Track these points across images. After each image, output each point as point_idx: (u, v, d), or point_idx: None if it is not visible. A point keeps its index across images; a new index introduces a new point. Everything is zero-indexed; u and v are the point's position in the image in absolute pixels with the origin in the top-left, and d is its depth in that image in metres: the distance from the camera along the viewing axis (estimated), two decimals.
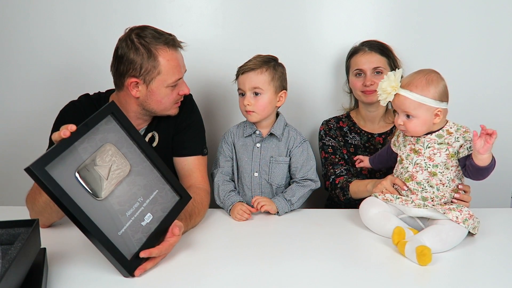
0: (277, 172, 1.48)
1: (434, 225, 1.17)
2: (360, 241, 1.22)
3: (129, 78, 1.28)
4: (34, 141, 1.89)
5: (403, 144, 1.29)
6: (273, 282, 0.97)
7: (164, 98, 1.33)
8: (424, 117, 1.20)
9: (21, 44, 1.83)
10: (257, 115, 1.45)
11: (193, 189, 1.36)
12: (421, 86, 1.19)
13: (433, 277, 1.02)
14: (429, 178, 1.22)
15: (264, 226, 1.32)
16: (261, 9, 1.84)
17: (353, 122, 1.72)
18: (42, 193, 1.10)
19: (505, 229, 1.30)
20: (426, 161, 1.22)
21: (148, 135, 1.43)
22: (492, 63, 1.89)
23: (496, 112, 1.93)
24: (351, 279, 0.99)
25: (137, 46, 1.26)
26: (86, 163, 0.96)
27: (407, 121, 1.22)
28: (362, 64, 1.63)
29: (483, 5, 1.84)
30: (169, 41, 1.29)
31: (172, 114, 1.40)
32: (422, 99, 1.18)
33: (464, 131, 1.21)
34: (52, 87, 1.86)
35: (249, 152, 1.50)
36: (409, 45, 1.80)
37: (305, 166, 1.48)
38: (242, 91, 1.45)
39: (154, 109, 1.35)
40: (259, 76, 1.42)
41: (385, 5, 1.84)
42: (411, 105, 1.20)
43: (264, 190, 1.50)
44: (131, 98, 1.34)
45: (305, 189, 1.46)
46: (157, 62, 1.27)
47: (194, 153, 1.45)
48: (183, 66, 1.36)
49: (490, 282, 0.99)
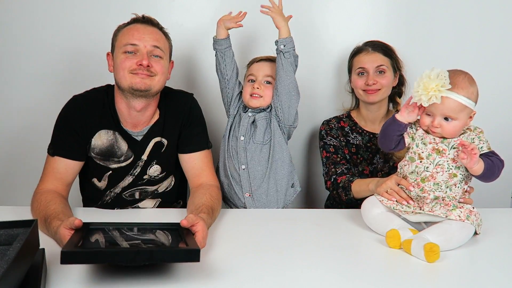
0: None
1: (439, 224, 1.16)
2: (361, 241, 1.22)
3: (107, 55, 1.40)
4: (34, 141, 1.89)
5: (422, 141, 1.21)
6: (273, 282, 0.97)
7: (119, 64, 1.32)
8: (464, 120, 1.16)
9: (20, 41, 1.83)
10: (262, 100, 1.50)
11: (206, 187, 1.39)
12: (466, 88, 1.14)
13: (435, 277, 1.02)
14: (448, 179, 1.18)
15: (263, 226, 1.32)
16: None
17: (355, 122, 1.72)
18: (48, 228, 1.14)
19: (505, 229, 1.30)
20: (449, 163, 1.17)
21: (155, 139, 1.42)
22: (493, 63, 1.89)
23: (496, 112, 1.93)
24: (352, 279, 0.99)
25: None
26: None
27: (446, 123, 1.15)
28: (365, 63, 1.63)
29: (483, 5, 1.84)
30: (137, 19, 1.37)
31: (131, 85, 1.31)
32: (468, 102, 1.14)
33: (479, 132, 1.20)
34: (52, 86, 1.86)
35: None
36: (410, 45, 1.80)
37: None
38: (255, 77, 1.51)
39: (117, 79, 1.34)
40: (273, 67, 1.50)
41: (386, 5, 1.84)
42: (456, 108, 1.13)
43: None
44: (114, 80, 1.37)
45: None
46: (120, 32, 1.37)
47: (201, 148, 1.46)
48: (147, 37, 1.33)
49: (490, 282, 0.99)
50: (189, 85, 1.84)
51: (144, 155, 1.41)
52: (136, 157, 1.41)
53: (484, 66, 1.88)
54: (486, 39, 1.87)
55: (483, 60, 1.88)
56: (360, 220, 1.30)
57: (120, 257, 0.86)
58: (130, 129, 1.40)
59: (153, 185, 1.47)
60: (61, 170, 1.34)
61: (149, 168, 1.43)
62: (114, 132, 1.39)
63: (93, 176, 1.44)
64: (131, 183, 1.44)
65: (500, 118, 1.94)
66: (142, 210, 1.46)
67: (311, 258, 1.09)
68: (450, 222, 1.15)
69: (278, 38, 1.44)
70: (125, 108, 1.37)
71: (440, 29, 1.86)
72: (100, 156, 1.39)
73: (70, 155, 1.36)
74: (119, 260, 0.87)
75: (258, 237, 1.22)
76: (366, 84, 1.62)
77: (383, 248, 1.15)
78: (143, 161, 1.42)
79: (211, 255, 1.08)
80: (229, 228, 1.28)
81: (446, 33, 1.86)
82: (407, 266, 1.06)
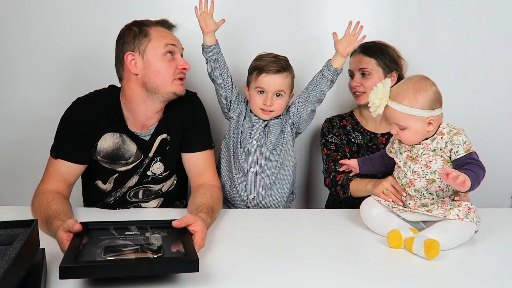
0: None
1: (440, 222, 1.16)
2: (361, 241, 1.22)
3: (125, 55, 1.32)
4: (34, 141, 1.89)
5: (399, 151, 1.25)
6: (273, 282, 0.97)
7: (162, 68, 1.32)
8: (415, 127, 1.16)
9: (23, 41, 1.83)
10: (274, 113, 1.52)
11: (207, 187, 1.38)
12: (408, 97, 1.14)
13: (434, 276, 1.02)
14: (427, 185, 1.18)
15: (263, 226, 1.32)
16: (261, 9, 1.84)
17: (356, 121, 1.72)
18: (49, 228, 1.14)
19: (505, 229, 1.30)
20: (423, 169, 1.18)
21: (161, 136, 1.42)
22: (493, 62, 1.89)
23: (497, 112, 1.93)
24: (352, 279, 0.99)
25: (130, 28, 1.34)
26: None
27: (400, 131, 1.19)
28: (350, 65, 1.67)
29: (483, 5, 1.84)
30: (159, 21, 1.37)
31: (176, 92, 1.35)
32: (410, 110, 1.14)
33: (454, 134, 1.15)
34: (55, 86, 1.86)
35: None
36: (410, 45, 1.79)
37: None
38: (265, 90, 1.49)
39: (156, 83, 1.32)
40: (285, 80, 1.50)
41: (386, 5, 1.84)
42: (400, 117, 1.16)
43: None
44: (133, 81, 1.33)
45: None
46: (147, 32, 1.33)
47: (204, 148, 1.46)
48: (176, 40, 1.37)
49: (491, 282, 0.99)
50: (188, 86, 1.83)
51: (150, 153, 1.41)
52: (145, 156, 1.41)
53: (485, 66, 1.88)
54: (487, 38, 1.87)
55: (483, 60, 1.88)
56: (360, 220, 1.30)
57: (119, 271, 0.87)
58: (138, 130, 1.39)
59: (157, 184, 1.47)
60: (63, 173, 1.34)
61: (153, 164, 1.42)
62: (120, 134, 1.37)
63: (97, 178, 1.43)
64: (137, 182, 1.43)
65: (500, 118, 1.94)
66: (143, 210, 1.46)
67: (311, 258, 1.09)
68: (450, 221, 1.15)
69: (334, 65, 1.46)
70: (142, 110, 1.36)
71: (441, 29, 1.86)
72: (106, 159, 1.38)
73: (73, 158, 1.34)
74: (118, 273, 0.88)
75: (258, 237, 1.22)
76: (351, 86, 1.66)
77: (383, 248, 1.15)
78: (149, 158, 1.41)
79: (211, 255, 1.08)
80: (229, 228, 1.28)
81: (447, 33, 1.86)
82: (408, 266, 1.06)
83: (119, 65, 1.36)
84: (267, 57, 1.52)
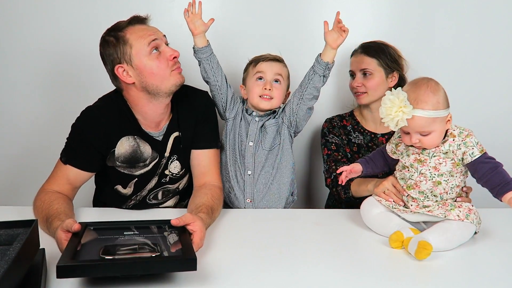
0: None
1: (440, 223, 1.16)
2: (361, 241, 1.22)
3: (116, 69, 1.29)
4: (34, 141, 1.89)
5: (406, 153, 1.23)
6: (273, 282, 0.97)
7: (154, 68, 1.29)
8: (440, 129, 1.14)
9: (20, 44, 1.83)
10: (273, 102, 1.51)
11: (208, 187, 1.39)
12: (430, 101, 1.11)
13: (433, 277, 1.02)
14: (433, 188, 1.18)
15: (263, 226, 1.32)
16: (261, 9, 1.84)
17: (357, 121, 1.72)
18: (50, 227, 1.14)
19: (505, 229, 1.30)
20: (431, 171, 1.17)
21: (173, 135, 1.41)
22: (492, 62, 1.89)
23: (497, 112, 1.93)
24: (352, 279, 0.99)
25: (106, 39, 1.30)
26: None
27: (423, 138, 1.14)
28: (351, 66, 1.67)
29: (483, 5, 1.84)
30: (131, 21, 1.31)
31: (177, 82, 1.33)
32: (436, 113, 1.12)
33: (466, 135, 1.15)
34: (53, 87, 1.86)
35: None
36: (411, 45, 1.79)
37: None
38: (264, 76, 1.51)
39: (155, 84, 1.30)
40: (282, 68, 1.53)
41: (387, 5, 1.84)
42: (425, 124, 1.12)
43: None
44: (133, 89, 1.32)
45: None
46: (125, 40, 1.28)
47: (211, 146, 1.46)
48: (154, 31, 1.32)
49: (490, 283, 0.99)
50: (190, 84, 1.83)
51: (166, 152, 1.41)
52: (161, 156, 1.40)
53: (484, 65, 1.88)
54: (487, 38, 1.87)
55: (483, 59, 1.88)
56: (361, 220, 1.30)
57: (116, 270, 0.87)
58: (152, 131, 1.39)
59: (174, 183, 1.47)
60: (71, 177, 1.34)
61: (170, 163, 1.42)
62: (134, 137, 1.36)
63: (116, 183, 1.42)
64: (156, 183, 1.43)
65: (500, 117, 1.94)
66: (149, 210, 1.45)
67: (311, 258, 1.09)
68: (450, 222, 1.15)
69: (324, 59, 1.42)
70: (151, 110, 1.35)
71: (440, 29, 1.86)
72: (125, 164, 1.37)
73: (83, 166, 1.34)
74: (115, 272, 0.88)
75: (258, 237, 1.22)
76: (352, 86, 1.66)
77: (383, 248, 1.15)
78: (165, 158, 1.41)
79: (210, 255, 1.08)
80: (229, 228, 1.28)
81: (447, 33, 1.86)
82: (408, 266, 1.06)
83: (113, 79, 1.34)
84: (263, 54, 1.56)
